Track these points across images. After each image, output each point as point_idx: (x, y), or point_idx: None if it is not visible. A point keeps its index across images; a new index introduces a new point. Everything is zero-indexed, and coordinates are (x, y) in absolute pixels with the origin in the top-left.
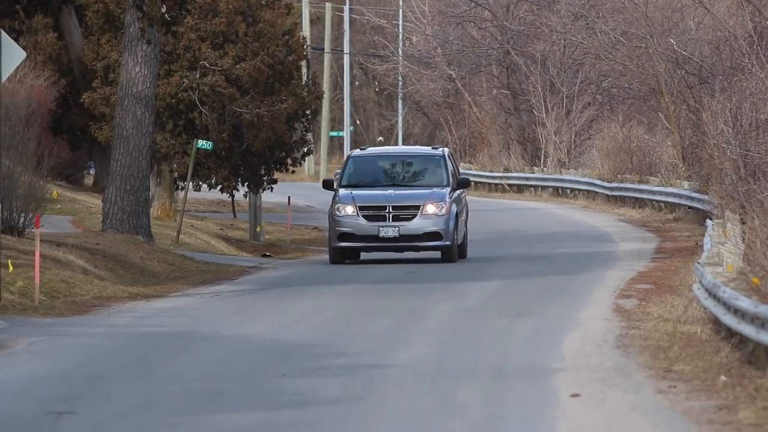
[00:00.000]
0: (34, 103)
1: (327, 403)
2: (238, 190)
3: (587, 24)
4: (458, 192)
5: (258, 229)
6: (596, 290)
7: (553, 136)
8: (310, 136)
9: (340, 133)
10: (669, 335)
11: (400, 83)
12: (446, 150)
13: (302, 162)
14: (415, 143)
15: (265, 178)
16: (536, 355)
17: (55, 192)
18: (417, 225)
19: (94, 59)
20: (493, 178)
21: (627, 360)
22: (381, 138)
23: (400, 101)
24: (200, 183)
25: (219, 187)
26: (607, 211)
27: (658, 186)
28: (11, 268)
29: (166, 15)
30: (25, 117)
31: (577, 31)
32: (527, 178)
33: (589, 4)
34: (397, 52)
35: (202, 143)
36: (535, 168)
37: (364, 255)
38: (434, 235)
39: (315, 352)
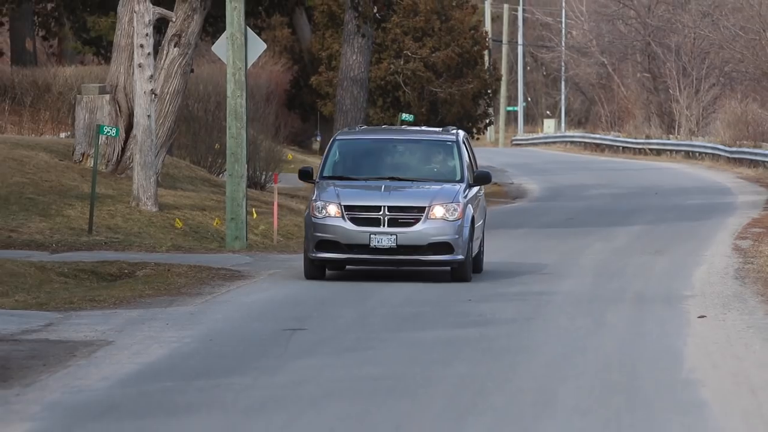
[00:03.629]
0: (272, 84)
1: (504, 323)
2: None
3: (713, 20)
4: (475, 190)
5: None
6: (719, 233)
7: (685, 110)
8: (491, 110)
9: (515, 108)
10: None
11: (563, 68)
12: (461, 133)
13: (485, 131)
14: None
15: None
16: (671, 284)
17: (289, 155)
18: (420, 233)
19: (319, 49)
20: (637, 143)
21: (743, 288)
22: (548, 112)
23: (562, 83)
24: None
25: None
26: (728, 171)
27: None
28: (255, 215)
29: (377, 14)
30: (266, 96)
31: (704, 26)
32: (664, 144)
33: (714, 4)
34: (561, 44)
35: (406, 116)
36: (671, 135)
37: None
38: (443, 247)
39: (495, 282)
